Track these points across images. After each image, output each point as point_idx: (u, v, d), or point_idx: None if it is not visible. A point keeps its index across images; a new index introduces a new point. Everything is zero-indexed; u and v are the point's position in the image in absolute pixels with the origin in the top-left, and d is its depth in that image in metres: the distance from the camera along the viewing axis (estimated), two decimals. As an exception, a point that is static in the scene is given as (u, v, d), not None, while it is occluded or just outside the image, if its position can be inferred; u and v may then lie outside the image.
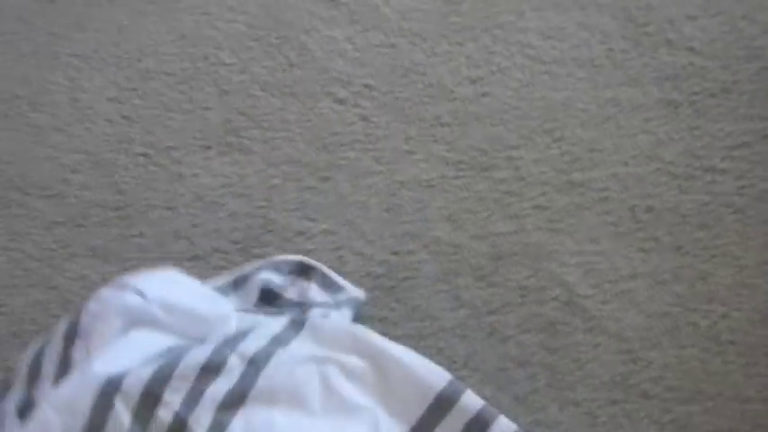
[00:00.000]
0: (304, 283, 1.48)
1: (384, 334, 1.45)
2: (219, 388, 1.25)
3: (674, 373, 1.42)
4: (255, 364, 1.27)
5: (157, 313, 1.33)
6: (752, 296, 1.47)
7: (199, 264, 1.57)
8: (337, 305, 1.45)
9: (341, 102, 1.70)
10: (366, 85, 1.71)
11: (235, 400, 1.24)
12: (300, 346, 1.31)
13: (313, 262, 1.50)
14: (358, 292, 1.49)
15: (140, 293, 1.34)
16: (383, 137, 1.66)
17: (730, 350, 1.44)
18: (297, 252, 1.55)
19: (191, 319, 1.35)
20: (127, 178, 1.66)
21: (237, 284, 1.49)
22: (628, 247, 1.52)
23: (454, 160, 1.62)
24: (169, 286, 1.38)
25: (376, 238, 1.57)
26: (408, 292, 1.52)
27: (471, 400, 1.26)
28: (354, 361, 1.29)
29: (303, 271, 1.50)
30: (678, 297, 1.48)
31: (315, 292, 1.47)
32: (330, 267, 1.53)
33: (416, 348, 1.43)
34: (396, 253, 1.55)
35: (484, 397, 1.39)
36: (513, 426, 1.25)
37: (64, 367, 1.31)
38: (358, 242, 1.57)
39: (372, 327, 1.46)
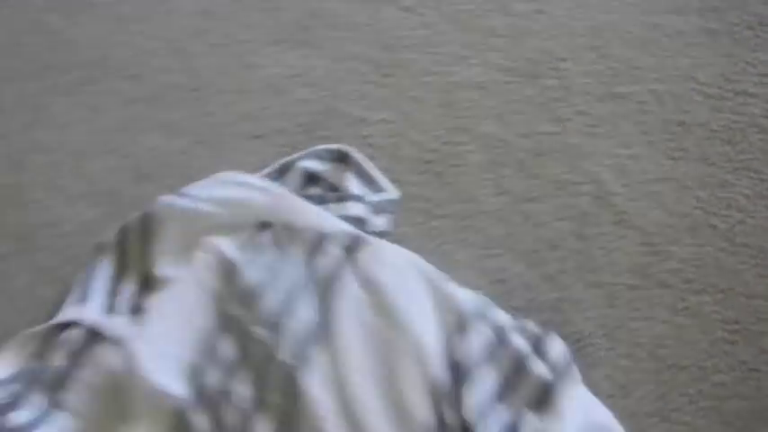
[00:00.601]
0: (343, 172, 1.57)
1: (429, 213, 1.57)
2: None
3: (691, 267, 1.51)
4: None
5: (208, 208, 1.45)
6: (767, 206, 1.57)
7: (262, 142, 1.66)
8: (376, 209, 1.53)
9: (406, 9, 1.81)
10: (430, -4, 1.82)
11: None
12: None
13: (352, 151, 1.59)
14: (393, 192, 1.57)
15: (190, 196, 1.47)
16: (442, 42, 1.77)
17: (744, 252, 1.53)
18: (355, 137, 1.65)
19: (243, 207, 1.46)
20: (203, 63, 1.76)
21: (282, 172, 1.58)
22: (658, 153, 1.62)
23: (506, 67, 1.73)
24: (216, 185, 1.50)
25: (429, 129, 1.66)
26: (455, 177, 1.60)
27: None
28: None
29: (342, 159, 1.59)
30: (700, 201, 1.57)
31: (351, 182, 1.56)
32: (385, 152, 1.63)
33: (458, 228, 1.55)
34: (446, 143, 1.64)
35: (516, 273, 1.51)
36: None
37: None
38: (412, 131, 1.66)
39: (419, 206, 1.58)
